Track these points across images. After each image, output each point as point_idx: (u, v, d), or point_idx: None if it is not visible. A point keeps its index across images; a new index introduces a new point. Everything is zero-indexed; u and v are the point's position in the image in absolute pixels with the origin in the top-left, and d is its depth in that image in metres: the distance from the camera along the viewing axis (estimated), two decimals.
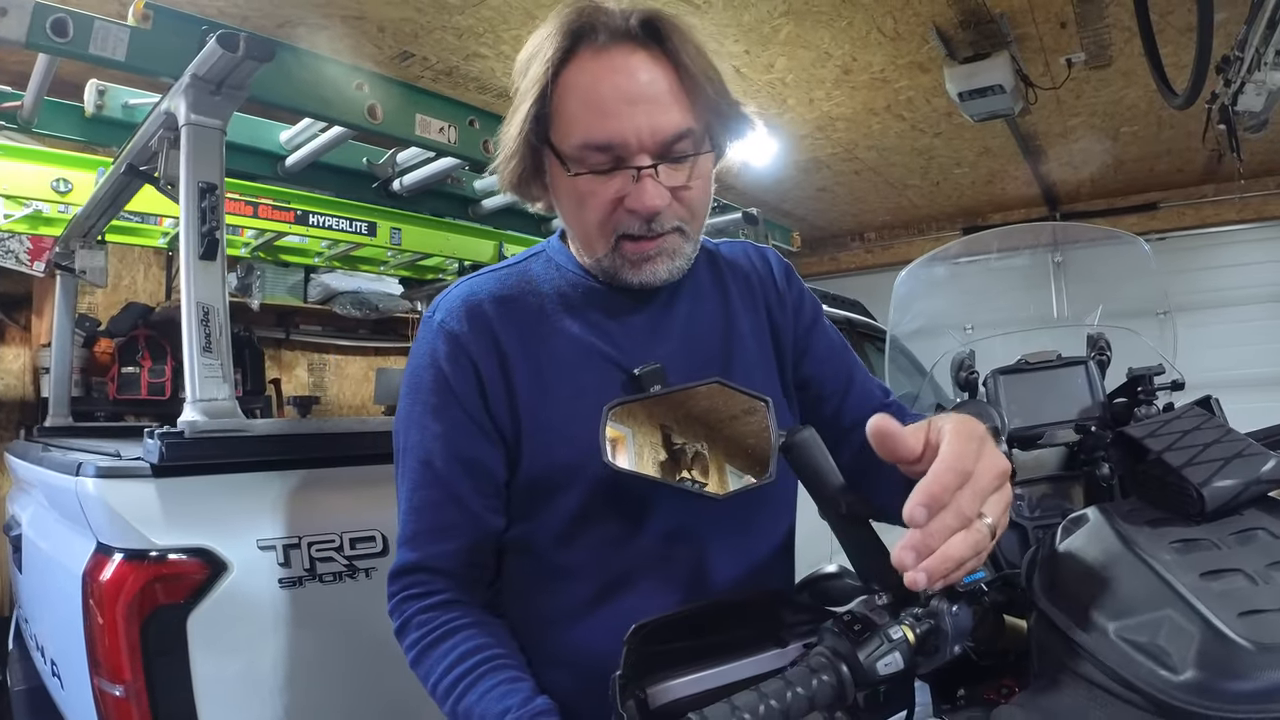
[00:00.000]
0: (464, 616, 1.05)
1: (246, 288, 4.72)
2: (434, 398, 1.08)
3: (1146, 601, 0.64)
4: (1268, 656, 0.57)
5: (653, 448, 0.96)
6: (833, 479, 0.90)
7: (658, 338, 1.12)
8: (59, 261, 2.94)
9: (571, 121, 1.01)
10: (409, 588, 1.07)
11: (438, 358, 1.08)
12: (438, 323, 1.10)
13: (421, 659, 1.03)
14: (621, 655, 0.77)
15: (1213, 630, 0.59)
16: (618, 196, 1.01)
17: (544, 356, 1.08)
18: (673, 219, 1.04)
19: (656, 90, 1.01)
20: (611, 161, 1.00)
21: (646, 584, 1.06)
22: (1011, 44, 4.27)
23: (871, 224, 8.35)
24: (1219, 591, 0.63)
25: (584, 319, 1.11)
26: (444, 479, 1.07)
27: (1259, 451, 0.80)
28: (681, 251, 1.07)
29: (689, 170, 1.04)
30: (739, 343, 1.16)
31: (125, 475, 1.56)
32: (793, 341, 1.22)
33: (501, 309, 1.10)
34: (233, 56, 1.61)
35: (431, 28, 3.82)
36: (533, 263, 1.18)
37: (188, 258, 1.68)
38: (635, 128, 0.99)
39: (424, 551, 1.07)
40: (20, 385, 4.22)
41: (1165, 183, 6.98)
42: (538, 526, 1.08)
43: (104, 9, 3.06)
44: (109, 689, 1.48)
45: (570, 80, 1.01)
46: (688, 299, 1.17)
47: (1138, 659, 0.61)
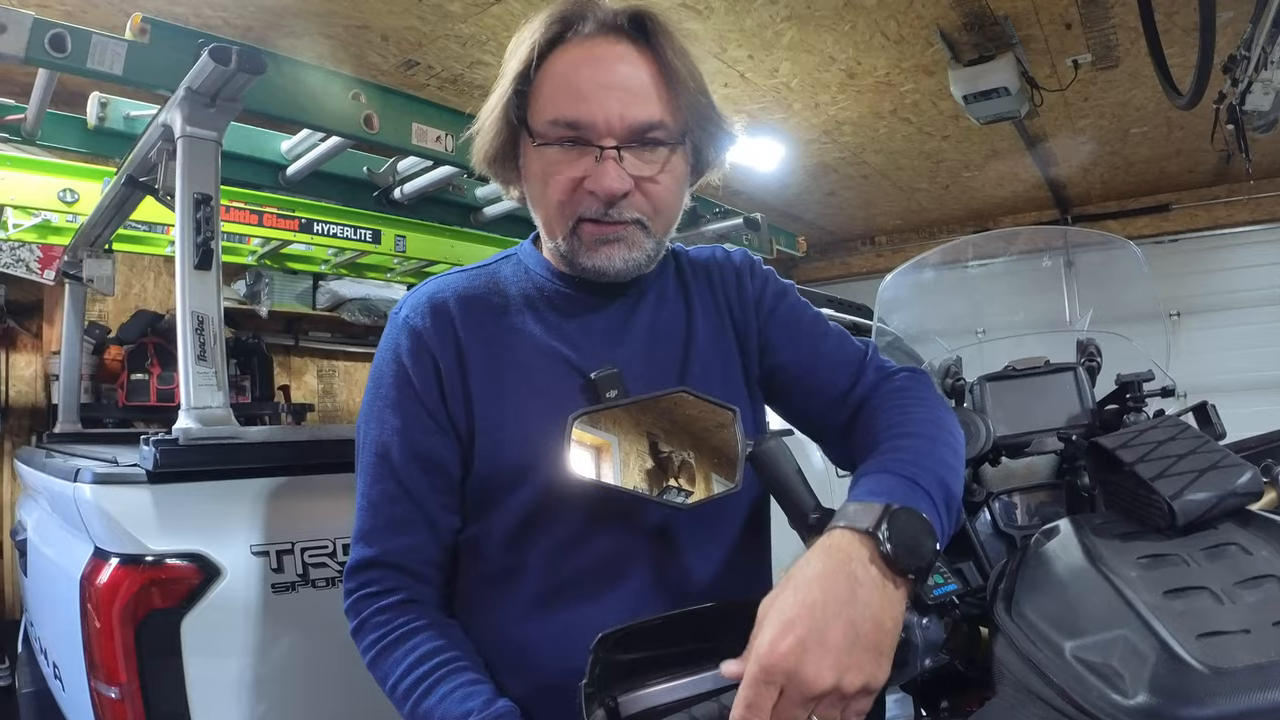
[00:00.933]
0: (421, 618, 1.04)
1: (255, 295, 4.74)
2: (394, 392, 1.09)
3: (1104, 620, 0.63)
4: (1223, 682, 0.55)
5: (618, 457, 0.96)
6: (800, 489, 0.90)
7: (617, 341, 1.12)
8: (67, 270, 2.97)
9: (547, 100, 1.03)
10: (365, 585, 1.07)
11: (400, 352, 1.09)
12: (403, 318, 1.11)
13: (379, 660, 1.03)
14: (588, 663, 0.77)
15: (1168, 652, 0.57)
16: (580, 176, 1.02)
17: (502, 355, 1.09)
18: (633, 210, 1.04)
19: (635, 81, 1.02)
20: (578, 141, 1.02)
21: (598, 589, 1.05)
22: (1016, 46, 4.24)
23: (881, 227, 8.32)
24: (1180, 611, 0.61)
25: (545, 321, 1.12)
26: (400, 474, 1.07)
27: (1235, 463, 0.79)
28: (641, 245, 1.07)
29: (659, 164, 1.05)
30: (698, 347, 1.15)
31: (121, 481, 1.57)
32: (756, 335, 1.20)
33: (465, 307, 1.11)
34: (225, 70, 1.62)
35: (435, 36, 3.83)
36: (503, 265, 1.19)
37: (183, 267, 1.70)
38: (605, 111, 1.00)
39: (380, 547, 1.07)
40: (32, 392, 4.25)
41: (1177, 184, 6.92)
42: (488, 526, 1.08)
43: (108, 22, 3.10)
44: (105, 691, 1.49)
45: (553, 62, 1.04)
46: (651, 304, 1.17)
47: (1090, 680, 0.60)
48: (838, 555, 0.77)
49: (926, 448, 0.96)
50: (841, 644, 0.71)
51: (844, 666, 0.70)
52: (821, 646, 0.70)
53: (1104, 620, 0.63)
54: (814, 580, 0.75)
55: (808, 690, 0.69)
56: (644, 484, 0.96)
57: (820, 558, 0.77)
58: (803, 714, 0.70)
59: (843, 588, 0.74)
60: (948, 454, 0.97)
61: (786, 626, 0.71)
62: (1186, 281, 6.64)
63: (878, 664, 0.72)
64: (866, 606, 0.73)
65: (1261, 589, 0.62)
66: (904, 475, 0.90)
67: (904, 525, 0.77)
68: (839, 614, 0.72)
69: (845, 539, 0.78)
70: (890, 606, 0.75)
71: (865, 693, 0.72)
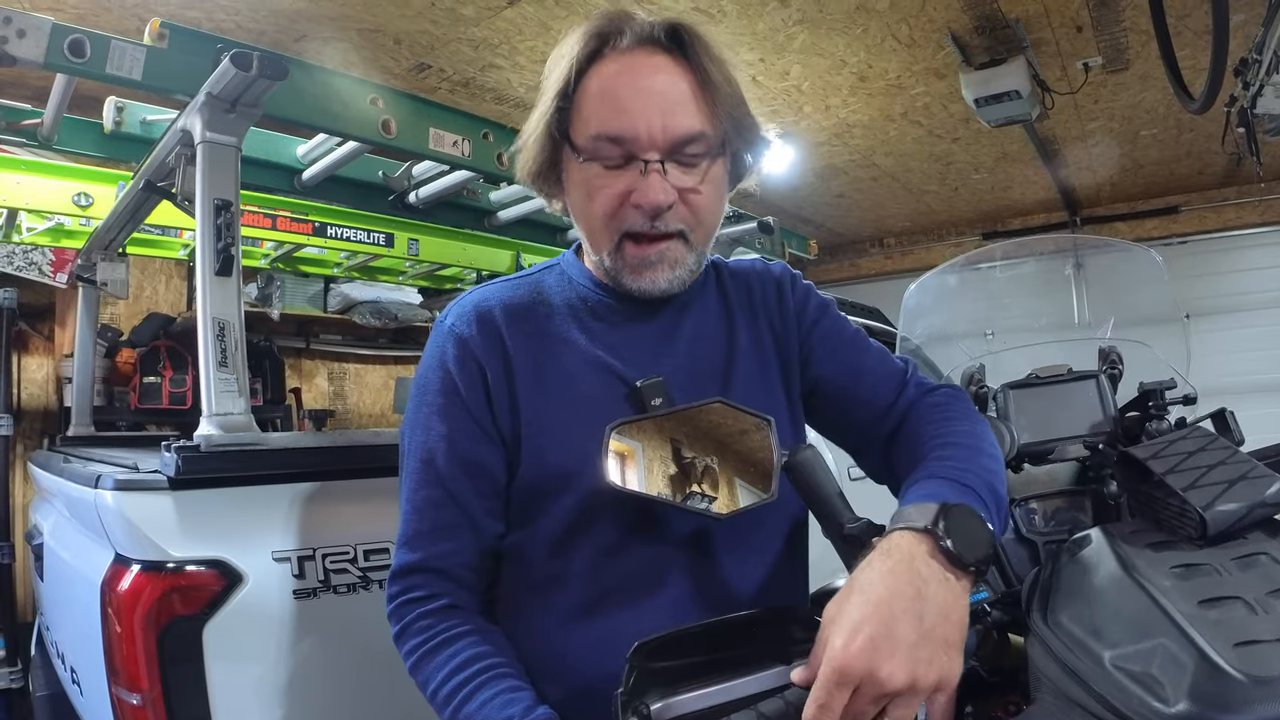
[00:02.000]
0: (464, 624, 1.05)
1: (266, 298, 4.76)
2: (440, 399, 1.10)
3: (1142, 629, 0.63)
4: (1261, 689, 0.56)
5: (657, 466, 0.97)
6: (834, 499, 0.91)
7: (662, 352, 1.14)
8: (81, 274, 2.98)
9: (589, 114, 1.04)
10: (409, 590, 1.08)
11: (446, 360, 1.11)
12: (448, 326, 1.13)
13: (421, 665, 1.03)
14: (624, 672, 0.78)
15: (1207, 661, 0.58)
16: (625, 191, 1.04)
17: (548, 364, 1.10)
18: (677, 221, 1.05)
19: (674, 92, 1.04)
20: (622, 155, 1.03)
21: (639, 597, 1.05)
22: (1027, 49, 4.24)
23: (891, 230, 8.31)
24: (1215, 620, 0.62)
25: (590, 331, 1.13)
26: (445, 479, 1.08)
27: (1264, 474, 0.79)
28: (683, 262, 1.08)
29: (700, 175, 1.06)
30: (740, 359, 1.17)
31: (143, 488, 1.58)
32: (797, 348, 1.22)
33: (511, 316, 1.12)
34: (246, 75, 1.63)
35: (447, 40, 3.83)
36: (546, 275, 1.20)
37: (204, 274, 1.70)
38: (648, 123, 1.02)
39: (425, 552, 1.08)
40: (44, 395, 4.26)
41: (1186, 186, 6.90)
42: (532, 533, 1.09)
43: (121, 26, 3.11)
44: (126, 697, 1.50)
45: (592, 77, 1.05)
46: (694, 315, 1.18)
47: (1131, 689, 0.60)
48: (899, 554, 0.78)
49: (971, 456, 0.98)
50: (913, 640, 0.72)
51: (916, 662, 0.71)
52: (893, 643, 0.71)
53: (1142, 629, 0.64)
54: (878, 581, 0.76)
55: (881, 688, 0.70)
56: (677, 494, 0.97)
57: (882, 559, 0.79)
58: (875, 709, 0.71)
59: (907, 585, 0.75)
60: (991, 462, 0.99)
61: (856, 627, 0.72)
62: (1196, 284, 6.62)
63: (950, 658, 0.73)
64: (933, 602, 0.74)
65: None
66: (953, 479, 0.92)
67: (960, 521, 0.79)
68: (907, 610, 0.73)
69: (904, 539, 0.80)
70: (956, 601, 0.76)
71: (941, 688, 0.72)
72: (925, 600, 0.74)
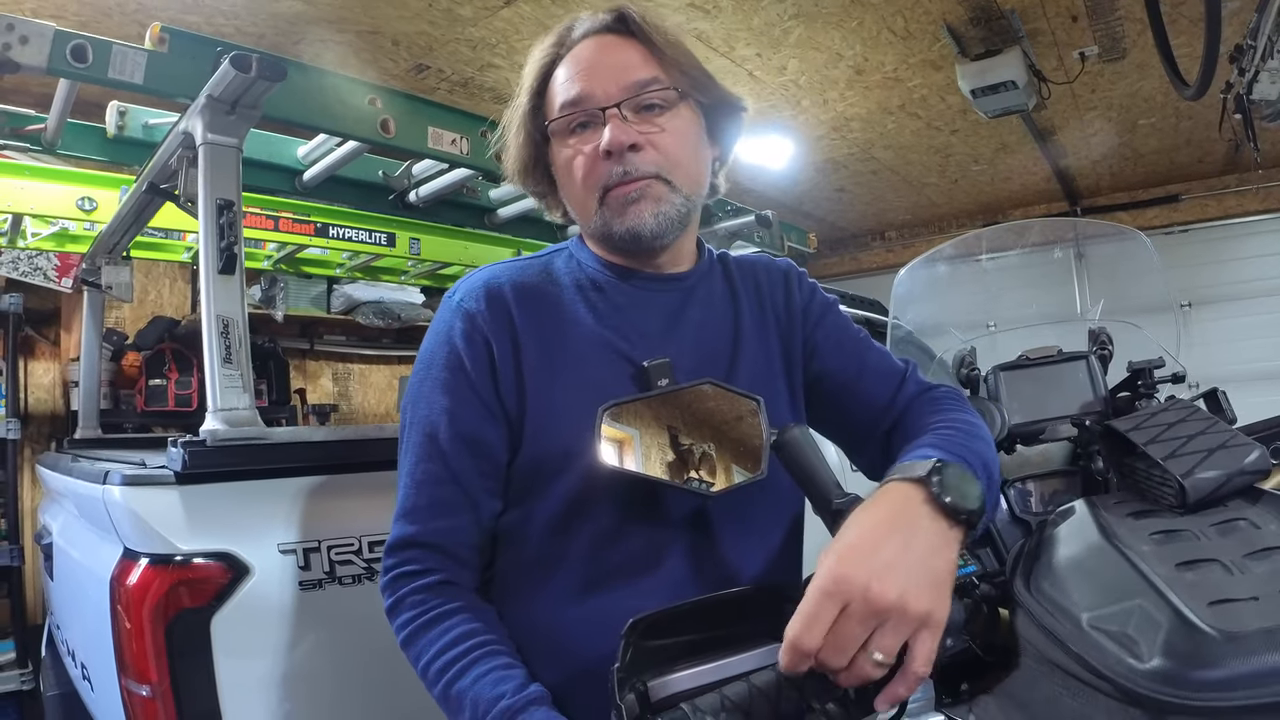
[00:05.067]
0: (457, 600, 1.05)
1: (270, 299, 4.77)
2: (445, 373, 1.11)
3: (1120, 591, 0.65)
4: (1233, 645, 0.57)
5: (649, 447, 0.99)
6: (824, 476, 0.92)
7: (669, 334, 1.16)
8: (86, 278, 2.99)
9: (553, 95, 1.12)
10: (404, 564, 1.08)
11: (453, 335, 1.12)
12: (456, 302, 1.14)
13: (413, 640, 1.04)
14: (619, 649, 0.79)
15: (1181, 619, 0.60)
16: (595, 146, 1.08)
17: (556, 343, 1.12)
18: (649, 164, 1.09)
19: (625, 58, 1.11)
20: (584, 115, 1.10)
21: (637, 579, 1.07)
22: (1023, 39, 4.25)
23: (891, 223, 8.32)
24: (1192, 581, 0.64)
25: (597, 311, 1.15)
26: (447, 455, 1.09)
27: (1243, 443, 0.81)
28: (668, 199, 1.11)
29: (664, 117, 1.11)
30: (746, 346, 1.19)
31: (150, 483, 1.60)
32: (800, 343, 1.25)
33: (520, 294, 1.14)
34: (246, 77, 1.65)
35: (445, 40, 3.86)
36: (555, 257, 1.23)
37: (207, 273, 1.72)
38: (602, 83, 1.09)
39: (422, 526, 1.08)
40: (50, 399, 4.29)
41: (1186, 174, 6.91)
42: (532, 513, 1.10)
43: (122, 32, 3.13)
44: (136, 690, 1.51)
45: (556, 73, 1.14)
46: (700, 300, 1.21)
47: (1108, 647, 0.62)
48: (893, 498, 0.82)
49: (967, 438, 1.02)
50: (903, 564, 0.74)
51: (907, 584, 0.73)
52: (885, 565, 0.74)
53: (1120, 591, 0.65)
54: (871, 519, 0.80)
55: (871, 605, 0.72)
56: (669, 472, 0.98)
57: (875, 503, 0.82)
58: (862, 633, 0.73)
59: (901, 524, 0.78)
60: (986, 447, 1.02)
61: (848, 547, 0.76)
62: (1197, 272, 6.63)
63: (938, 595, 0.75)
64: (923, 539, 0.77)
65: (1270, 560, 0.65)
66: (948, 449, 0.95)
67: (954, 475, 0.81)
68: (900, 543, 0.76)
69: (898, 487, 0.83)
70: (945, 545, 0.78)
71: (928, 624, 0.74)
72: (915, 535, 0.77)
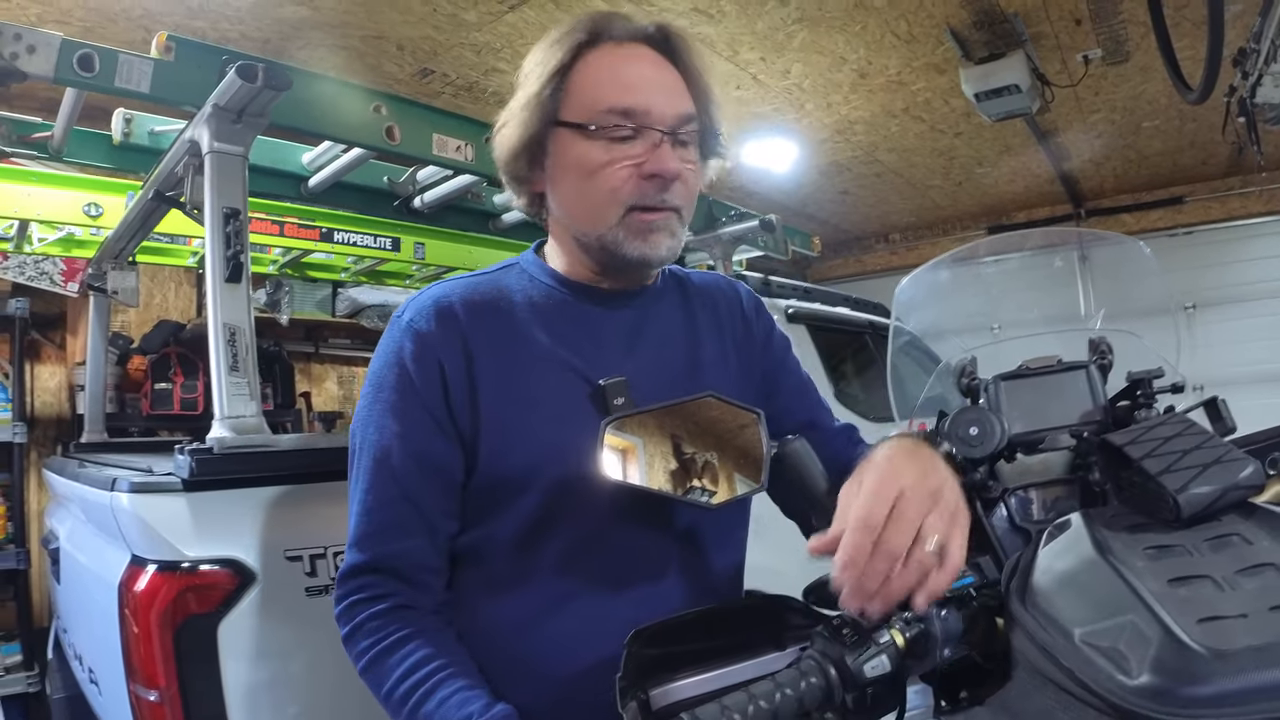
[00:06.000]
0: (416, 624, 1.03)
1: (275, 303, 4.79)
2: (395, 396, 1.07)
3: (1112, 607, 0.66)
4: (1222, 663, 0.58)
5: (652, 458, 0.99)
6: (824, 489, 0.93)
7: (626, 352, 1.14)
8: (91, 283, 3.02)
9: (595, 91, 1.07)
10: (358, 591, 1.05)
11: (403, 356, 1.08)
12: (406, 322, 1.10)
13: (373, 667, 1.01)
14: (621, 658, 0.80)
15: (1170, 636, 0.60)
16: (635, 164, 1.05)
17: (510, 361, 1.09)
18: (679, 198, 1.09)
19: (671, 80, 1.09)
20: (633, 128, 1.05)
21: (603, 595, 1.06)
22: (1026, 43, 4.25)
23: (896, 225, 8.32)
24: (1183, 598, 0.64)
25: (552, 329, 1.12)
26: (399, 477, 1.05)
27: (1238, 458, 0.81)
28: (677, 234, 1.11)
29: (692, 155, 1.11)
30: (704, 364, 1.19)
31: (158, 490, 1.62)
32: (761, 374, 1.26)
33: (472, 312, 1.11)
34: (252, 86, 1.66)
35: (450, 45, 3.87)
36: (505, 274, 1.20)
37: (214, 281, 1.74)
38: (658, 103, 1.06)
39: (374, 552, 1.05)
40: (57, 402, 4.31)
41: (1190, 176, 6.89)
42: (492, 533, 1.08)
43: (127, 38, 3.15)
44: (144, 695, 1.53)
45: (591, 62, 1.08)
46: (657, 318, 1.20)
47: (1098, 663, 0.63)
48: (902, 441, 0.86)
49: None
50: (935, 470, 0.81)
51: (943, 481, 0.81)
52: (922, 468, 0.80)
53: (1112, 607, 0.66)
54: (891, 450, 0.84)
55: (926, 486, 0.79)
56: (671, 483, 0.99)
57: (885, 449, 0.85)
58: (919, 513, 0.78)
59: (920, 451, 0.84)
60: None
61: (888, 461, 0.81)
62: (1201, 274, 6.61)
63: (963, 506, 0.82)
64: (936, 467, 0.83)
65: (1261, 576, 0.65)
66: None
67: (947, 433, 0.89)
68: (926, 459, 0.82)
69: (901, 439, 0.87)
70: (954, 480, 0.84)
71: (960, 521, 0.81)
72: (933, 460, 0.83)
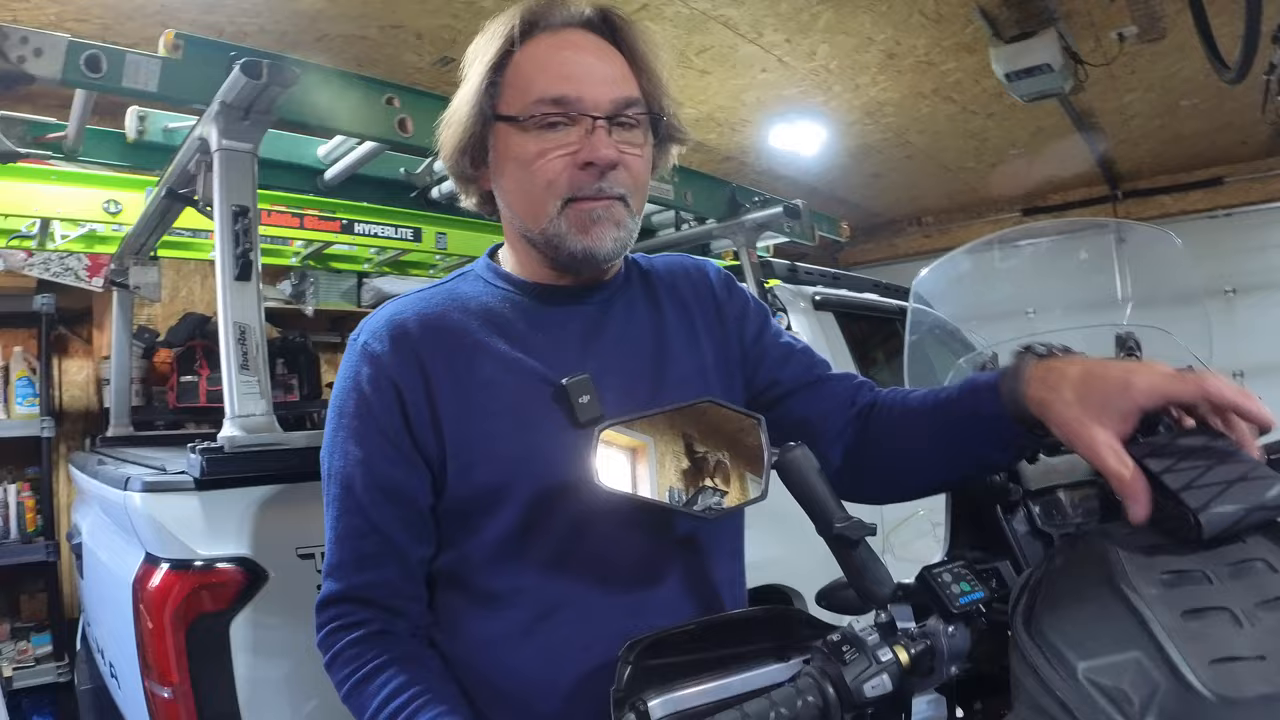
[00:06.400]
0: (392, 650, 1.03)
1: (300, 295, 4.81)
2: (355, 421, 1.06)
3: (1119, 641, 0.62)
4: (1231, 712, 0.54)
5: (643, 468, 0.95)
6: (826, 498, 0.90)
7: (587, 350, 1.11)
8: (114, 278, 3.04)
9: (528, 82, 1.04)
10: (335, 619, 1.05)
11: (360, 381, 1.06)
12: (361, 344, 1.09)
13: (354, 694, 1.01)
14: (617, 670, 0.78)
15: (1178, 678, 0.56)
16: (570, 153, 1.03)
17: (468, 374, 1.06)
18: (620, 184, 1.05)
19: (611, 67, 1.06)
20: (565, 115, 1.03)
21: (585, 609, 1.04)
22: (1058, 20, 4.14)
23: (928, 208, 8.19)
24: (1195, 633, 0.60)
25: (510, 334, 1.10)
26: (365, 507, 1.04)
27: (1265, 475, 0.76)
28: (625, 224, 1.07)
29: (638, 139, 1.07)
30: (672, 355, 1.15)
31: (169, 489, 1.63)
32: (740, 352, 1.21)
33: (426, 329, 1.08)
34: (257, 83, 1.65)
35: (469, 32, 3.74)
36: (460, 282, 1.17)
37: (223, 279, 1.73)
38: (593, 89, 1.03)
39: (348, 582, 1.05)
40: (85, 396, 4.36)
41: (1229, 156, 6.69)
42: (467, 553, 1.06)
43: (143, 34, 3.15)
44: (158, 691, 1.55)
45: (526, 53, 1.06)
46: (619, 312, 1.16)
47: (1099, 703, 0.59)
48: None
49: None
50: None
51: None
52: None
53: (1119, 641, 0.62)
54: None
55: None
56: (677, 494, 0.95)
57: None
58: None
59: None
60: None
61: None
62: (1241, 258, 6.42)
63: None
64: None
65: None
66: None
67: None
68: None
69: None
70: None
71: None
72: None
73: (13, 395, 3.89)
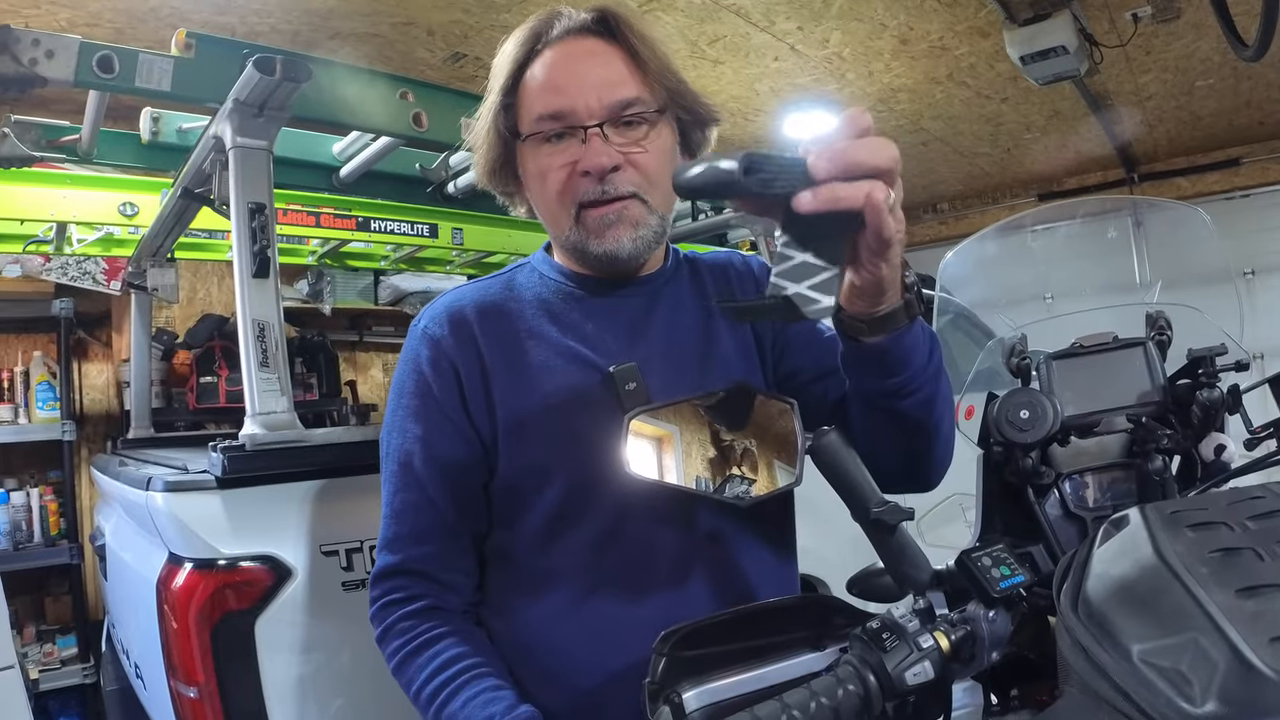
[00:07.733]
0: (445, 624, 1.07)
1: (317, 294, 4.81)
2: (415, 401, 1.12)
3: (1173, 621, 0.59)
4: None
5: (677, 454, 0.95)
6: (862, 483, 0.88)
7: (635, 339, 1.14)
8: (132, 281, 3.05)
9: (531, 100, 1.09)
10: (390, 592, 1.10)
11: (420, 363, 1.12)
12: (421, 329, 1.15)
13: (403, 666, 1.06)
14: (650, 661, 0.77)
15: (1239, 658, 0.53)
16: (572, 162, 1.06)
17: (521, 358, 1.11)
18: (627, 184, 1.07)
19: (607, 69, 1.08)
20: (562, 128, 1.06)
21: (629, 590, 1.06)
22: (1073, 2, 4.10)
23: (944, 195, 8.14)
24: (1253, 612, 0.57)
25: (562, 323, 1.14)
26: (423, 482, 1.10)
27: None
28: (645, 222, 1.09)
29: (643, 136, 1.08)
30: (718, 347, 1.18)
31: (192, 489, 1.63)
32: (771, 340, 1.23)
33: (483, 315, 1.14)
34: (271, 80, 1.65)
35: (480, 28, 3.82)
36: (517, 273, 1.23)
37: (241, 276, 1.73)
38: (584, 98, 1.05)
39: (404, 554, 1.10)
40: (105, 399, 4.38)
41: (1247, 137, 6.61)
42: (516, 532, 1.10)
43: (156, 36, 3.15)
44: (184, 691, 1.55)
45: (531, 71, 1.10)
46: (667, 304, 1.19)
47: (1158, 686, 0.56)
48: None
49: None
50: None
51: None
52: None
53: (1173, 621, 0.60)
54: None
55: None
56: (705, 481, 0.95)
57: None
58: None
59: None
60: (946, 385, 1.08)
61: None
62: (1260, 239, 6.32)
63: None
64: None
65: None
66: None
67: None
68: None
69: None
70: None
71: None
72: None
73: (34, 399, 3.90)
